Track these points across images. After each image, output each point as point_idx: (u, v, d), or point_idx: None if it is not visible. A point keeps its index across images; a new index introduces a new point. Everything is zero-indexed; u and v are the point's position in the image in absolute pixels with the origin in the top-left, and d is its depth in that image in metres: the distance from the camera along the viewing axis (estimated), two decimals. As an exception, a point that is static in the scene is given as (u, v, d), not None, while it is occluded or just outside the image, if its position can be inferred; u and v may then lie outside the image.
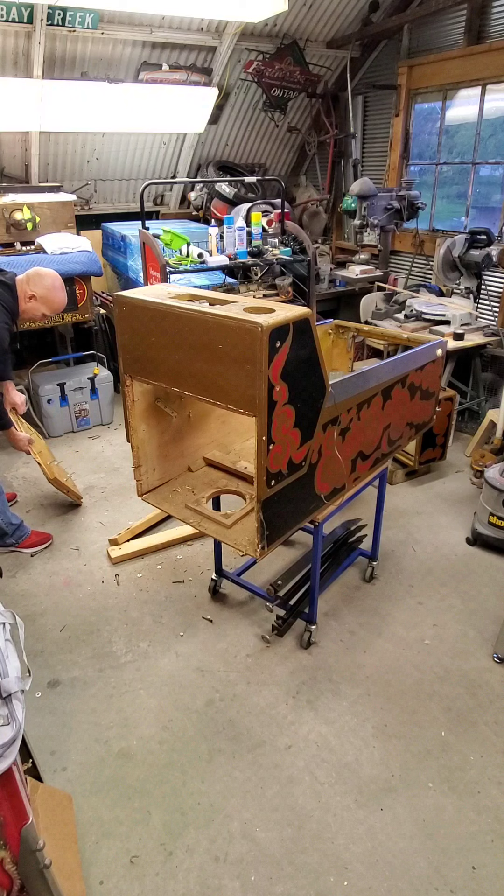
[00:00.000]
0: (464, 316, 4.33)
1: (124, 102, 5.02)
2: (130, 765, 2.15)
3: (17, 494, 3.74)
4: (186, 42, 5.10)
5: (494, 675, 2.51)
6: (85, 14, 4.41)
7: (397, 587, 3.01)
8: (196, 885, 1.80)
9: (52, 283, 2.93)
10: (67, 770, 2.14)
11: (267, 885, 1.80)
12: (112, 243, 5.26)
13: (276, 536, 2.00)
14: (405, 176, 5.58)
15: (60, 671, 2.53)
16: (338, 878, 1.82)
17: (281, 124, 6.23)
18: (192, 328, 1.77)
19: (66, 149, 5.32)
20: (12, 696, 1.38)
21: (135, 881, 1.81)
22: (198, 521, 2.17)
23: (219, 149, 6.20)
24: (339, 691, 2.43)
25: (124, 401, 2.16)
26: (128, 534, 3.33)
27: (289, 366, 1.72)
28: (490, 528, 3.19)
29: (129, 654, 2.62)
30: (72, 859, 1.79)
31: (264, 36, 5.44)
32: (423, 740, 2.24)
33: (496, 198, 4.95)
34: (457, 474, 4.04)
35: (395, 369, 2.40)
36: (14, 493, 3.73)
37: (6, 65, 4.55)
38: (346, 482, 2.31)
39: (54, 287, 2.95)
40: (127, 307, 1.97)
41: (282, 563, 3.13)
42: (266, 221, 4.40)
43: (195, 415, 2.40)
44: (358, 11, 5.48)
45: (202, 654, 2.62)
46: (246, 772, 2.12)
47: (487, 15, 4.71)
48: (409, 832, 1.94)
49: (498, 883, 1.80)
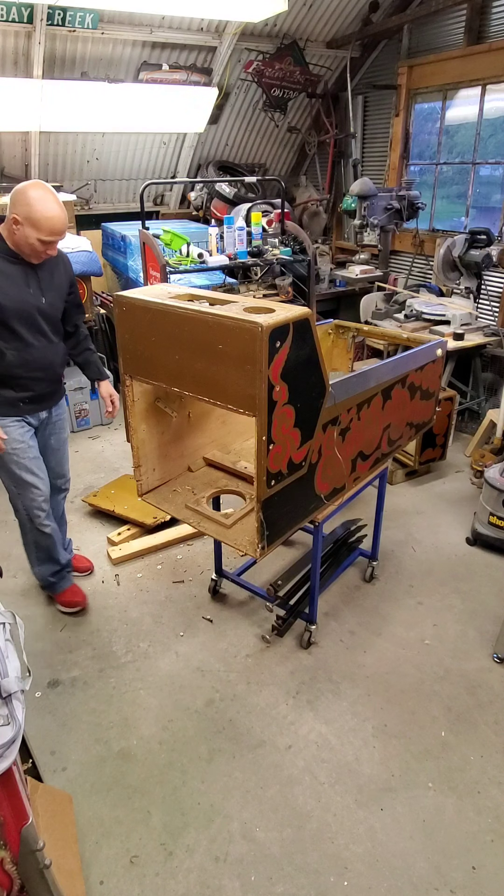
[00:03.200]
0: (464, 316, 4.33)
1: (124, 102, 5.03)
2: (130, 765, 2.15)
3: (92, 566, 3.19)
4: (186, 42, 5.10)
5: (494, 675, 2.51)
6: (85, 14, 4.41)
7: (397, 587, 3.01)
8: (196, 885, 1.80)
9: (34, 195, 2.16)
10: (67, 770, 2.14)
11: (267, 885, 1.80)
12: (112, 243, 5.26)
13: (276, 536, 2.00)
14: (405, 176, 5.58)
15: (60, 671, 2.53)
16: (338, 878, 1.82)
17: (281, 124, 6.23)
18: (192, 328, 1.77)
19: (66, 149, 5.32)
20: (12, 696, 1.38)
21: (135, 881, 1.81)
22: (198, 521, 2.17)
23: (219, 149, 6.20)
24: (339, 691, 2.43)
25: (124, 401, 2.16)
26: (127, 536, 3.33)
27: (289, 366, 1.72)
28: (490, 528, 3.19)
29: (129, 654, 2.62)
30: (72, 859, 1.79)
31: (264, 36, 5.44)
32: (423, 740, 2.24)
33: (496, 198, 4.95)
34: (457, 474, 4.04)
35: (395, 369, 2.40)
36: (90, 564, 3.17)
37: (6, 65, 4.55)
38: (346, 482, 2.31)
39: (37, 199, 2.15)
40: (127, 307, 1.97)
41: (282, 563, 3.13)
42: (266, 221, 4.40)
43: (195, 415, 2.40)
44: (358, 11, 5.48)
45: (202, 654, 2.62)
46: (246, 772, 2.12)
47: (487, 15, 4.71)
48: (409, 832, 1.94)
49: (498, 883, 1.80)
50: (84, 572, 3.10)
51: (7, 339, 2.33)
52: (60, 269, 2.47)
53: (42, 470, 2.59)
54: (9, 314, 2.29)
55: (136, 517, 3.38)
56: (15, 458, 2.48)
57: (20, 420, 2.49)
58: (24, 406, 2.48)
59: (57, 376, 2.58)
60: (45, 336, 2.43)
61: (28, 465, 2.51)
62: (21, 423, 2.50)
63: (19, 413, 2.48)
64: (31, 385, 2.46)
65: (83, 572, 3.10)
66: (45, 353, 2.45)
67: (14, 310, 2.30)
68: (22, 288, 2.31)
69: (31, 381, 2.45)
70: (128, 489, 3.56)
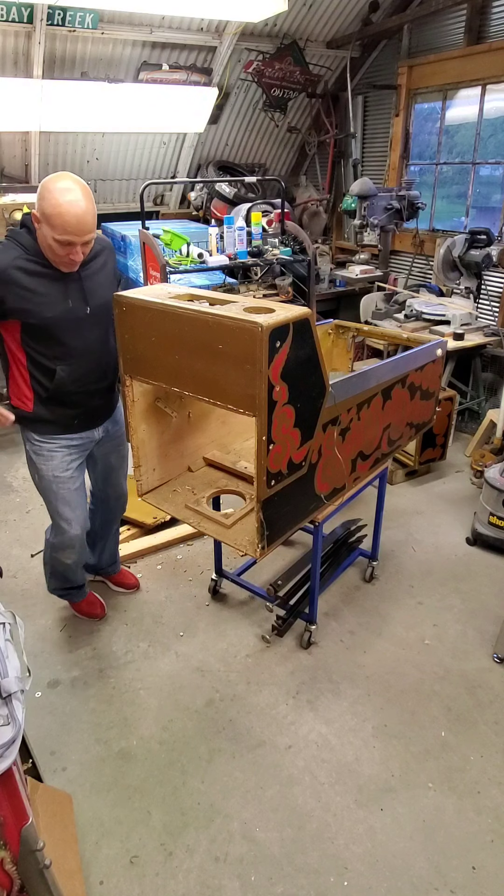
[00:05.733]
0: (464, 316, 4.33)
1: (124, 102, 5.02)
2: (130, 765, 2.15)
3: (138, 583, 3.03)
4: (186, 42, 5.10)
5: (494, 675, 2.51)
6: (85, 14, 4.41)
7: (397, 587, 3.01)
8: (196, 885, 1.80)
9: (51, 186, 1.88)
10: (67, 770, 2.14)
11: (267, 885, 1.80)
12: (112, 243, 5.25)
13: (276, 536, 2.00)
14: (405, 176, 5.57)
15: (60, 671, 2.53)
16: (338, 878, 1.82)
17: (281, 124, 6.23)
18: (192, 328, 1.77)
19: (66, 149, 5.32)
20: (12, 696, 1.38)
21: (135, 881, 1.81)
22: (198, 521, 2.17)
23: (219, 149, 6.20)
24: (339, 691, 2.43)
25: (124, 401, 2.15)
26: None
27: (289, 366, 1.72)
28: (490, 528, 3.19)
29: (129, 654, 2.62)
30: (72, 859, 1.79)
31: (264, 36, 5.44)
32: (423, 740, 2.24)
33: (496, 198, 4.95)
34: (457, 474, 4.04)
35: (395, 369, 2.40)
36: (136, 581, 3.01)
37: (6, 65, 4.55)
38: (346, 482, 2.31)
39: (53, 191, 1.87)
40: (127, 307, 1.97)
41: (282, 563, 3.13)
42: (266, 221, 4.39)
43: (195, 415, 2.40)
44: (358, 11, 5.48)
45: (202, 654, 2.62)
46: (246, 772, 2.12)
47: (487, 15, 4.70)
48: (409, 832, 1.94)
49: (498, 883, 1.80)
50: (129, 589, 2.95)
51: (56, 355, 2.11)
52: (101, 265, 2.18)
53: (81, 505, 2.38)
54: (53, 330, 2.07)
55: (136, 517, 3.38)
56: (54, 488, 2.29)
57: (69, 444, 2.27)
58: (77, 424, 2.26)
59: (111, 385, 2.34)
60: (97, 342, 2.19)
61: (67, 496, 2.31)
62: (69, 450, 2.28)
63: (71, 432, 2.26)
64: (84, 401, 2.23)
65: (128, 589, 2.95)
66: (98, 361, 2.22)
67: (57, 325, 2.07)
68: (58, 301, 2.05)
69: (85, 395, 2.23)
70: (128, 489, 3.56)
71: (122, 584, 2.96)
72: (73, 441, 2.29)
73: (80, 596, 2.75)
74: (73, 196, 1.88)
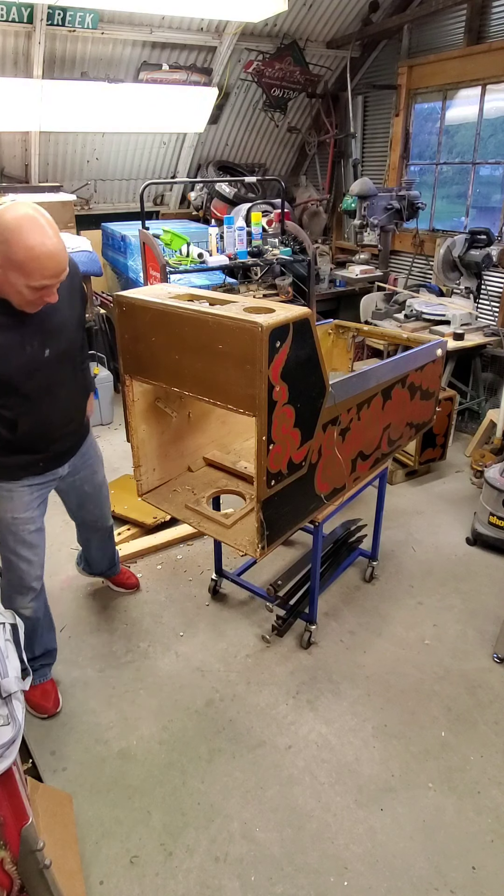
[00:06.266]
0: (464, 316, 4.33)
1: (124, 102, 5.02)
2: (130, 765, 2.15)
3: (138, 583, 3.00)
4: (186, 42, 5.10)
5: (494, 675, 2.51)
6: (85, 14, 4.41)
7: (397, 587, 3.01)
8: (196, 885, 1.80)
9: (13, 224, 1.60)
10: (67, 770, 2.14)
11: (267, 886, 1.80)
12: (112, 243, 5.26)
13: (276, 536, 2.00)
14: (405, 176, 5.58)
15: (60, 671, 2.53)
16: (338, 878, 1.82)
17: (281, 124, 6.23)
18: (191, 328, 1.77)
19: (65, 149, 5.32)
20: (12, 696, 1.38)
21: (135, 881, 1.81)
22: (198, 521, 2.17)
23: (219, 149, 6.20)
24: (339, 691, 2.43)
25: (124, 401, 2.16)
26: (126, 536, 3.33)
27: (289, 366, 1.72)
28: (490, 528, 3.19)
29: (129, 654, 2.62)
30: (72, 859, 1.79)
31: (264, 36, 5.44)
32: (423, 740, 2.24)
33: (496, 198, 4.95)
34: (457, 474, 4.04)
35: (395, 369, 2.40)
36: (136, 581, 2.99)
37: (6, 65, 4.55)
38: (346, 482, 2.31)
39: (17, 230, 1.59)
40: (127, 307, 1.97)
41: (282, 563, 3.13)
42: (266, 221, 4.39)
43: (195, 415, 2.40)
44: (358, 11, 5.48)
45: (202, 654, 2.62)
46: (246, 772, 2.12)
47: (487, 15, 4.71)
48: (409, 832, 1.94)
49: (498, 883, 1.80)
50: (130, 589, 2.94)
51: (15, 406, 1.88)
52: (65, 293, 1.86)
53: (40, 545, 2.19)
54: (11, 382, 1.84)
55: (136, 517, 3.38)
56: (13, 529, 2.09)
57: (30, 484, 2.07)
58: (42, 466, 2.08)
59: (79, 425, 2.20)
60: (61, 385, 1.99)
61: (26, 538, 2.12)
62: (31, 490, 2.08)
63: (35, 473, 2.07)
64: (50, 446, 2.07)
65: (129, 589, 2.94)
66: (64, 405, 2.04)
67: (13, 378, 1.83)
68: (15, 351, 1.80)
69: (51, 441, 2.06)
70: (127, 489, 3.55)
71: (122, 585, 2.96)
72: (35, 480, 2.10)
73: (41, 676, 2.35)
74: (42, 235, 1.62)
